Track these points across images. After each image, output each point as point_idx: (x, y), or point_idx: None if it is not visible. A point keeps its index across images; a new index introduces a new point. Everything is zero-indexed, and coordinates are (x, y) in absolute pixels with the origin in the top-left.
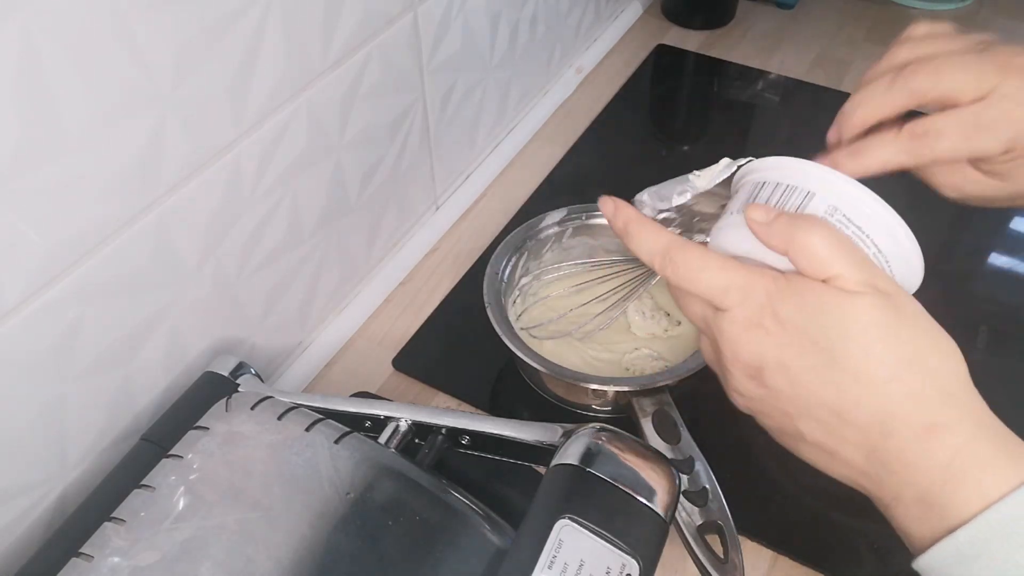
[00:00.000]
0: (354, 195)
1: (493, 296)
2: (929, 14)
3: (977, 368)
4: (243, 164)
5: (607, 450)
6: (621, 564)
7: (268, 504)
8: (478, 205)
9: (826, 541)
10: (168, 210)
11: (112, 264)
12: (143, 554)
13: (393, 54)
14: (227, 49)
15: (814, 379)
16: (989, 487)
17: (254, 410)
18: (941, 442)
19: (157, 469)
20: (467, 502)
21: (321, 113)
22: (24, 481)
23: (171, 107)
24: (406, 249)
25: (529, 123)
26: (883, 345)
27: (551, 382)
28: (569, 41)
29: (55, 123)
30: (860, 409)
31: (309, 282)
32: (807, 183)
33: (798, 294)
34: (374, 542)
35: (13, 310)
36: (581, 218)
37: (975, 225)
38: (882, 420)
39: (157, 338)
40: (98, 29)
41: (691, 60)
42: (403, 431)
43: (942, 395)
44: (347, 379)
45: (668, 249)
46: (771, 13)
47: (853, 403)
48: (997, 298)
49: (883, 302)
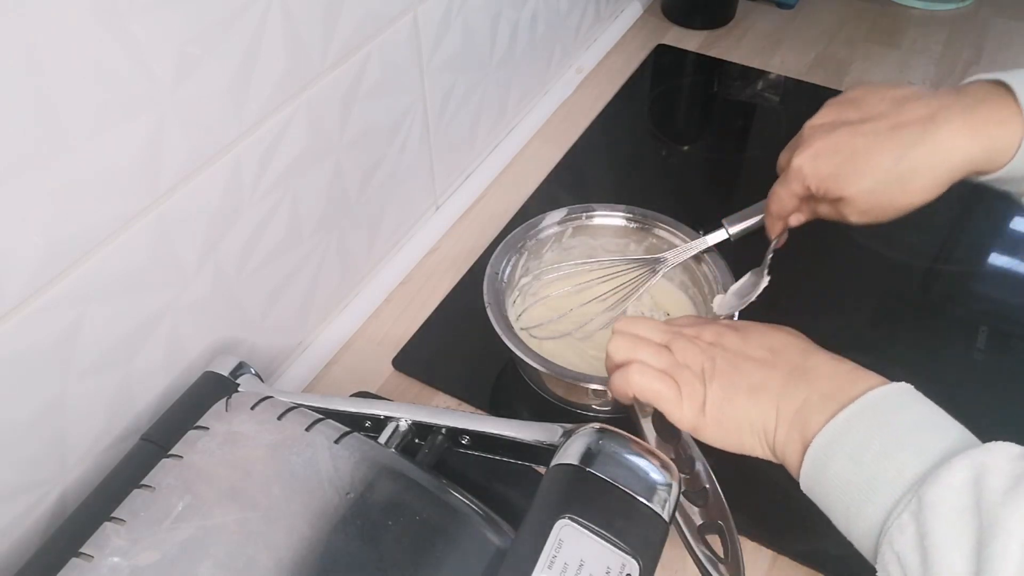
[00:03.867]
0: (354, 195)
1: (493, 296)
2: (929, 14)
3: (977, 368)
4: (243, 164)
5: (607, 450)
6: (621, 564)
7: (268, 504)
8: (478, 205)
9: (826, 541)
10: (168, 210)
11: (112, 264)
12: (143, 554)
13: (393, 54)
14: (227, 49)
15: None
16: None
17: (254, 410)
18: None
19: (157, 469)
20: (467, 502)
21: (321, 113)
22: (24, 481)
23: (171, 107)
24: (406, 249)
25: (529, 123)
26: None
27: (551, 382)
28: (569, 41)
29: (55, 123)
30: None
31: (309, 282)
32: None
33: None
34: (374, 542)
35: (13, 310)
36: (581, 218)
37: (975, 225)
38: (804, 351)
39: (157, 338)
40: (98, 29)
41: (691, 60)
42: (403, 431)
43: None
44: (347, 379)
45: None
46: (771, 13)
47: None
48: (997, 298)
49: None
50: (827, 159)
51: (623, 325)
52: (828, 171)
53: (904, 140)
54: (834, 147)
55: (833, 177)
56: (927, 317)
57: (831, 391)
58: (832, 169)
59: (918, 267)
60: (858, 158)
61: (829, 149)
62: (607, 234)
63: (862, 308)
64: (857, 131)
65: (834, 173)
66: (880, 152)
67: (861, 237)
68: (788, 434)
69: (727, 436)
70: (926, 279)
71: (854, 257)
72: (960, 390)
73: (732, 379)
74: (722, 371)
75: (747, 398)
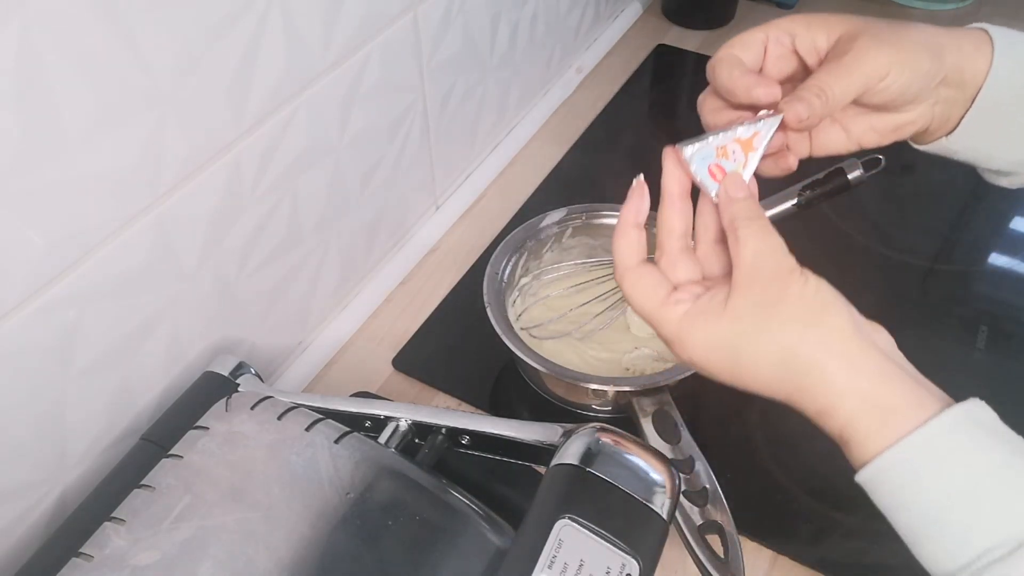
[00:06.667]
0: (354, 195)
1: (493, 296)
2: (929, 14)
3: (977, 368)
4: (243, 164)
5: (607, 450)
6: (621, 564)
7: (268, 504)
8: (478, 205)
9: (826, 541)
10: (168, 210)
11: (112, 264)
12: (143, 554)
13: (393, 54)
14: (227, 49)
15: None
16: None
17: (254, 410)
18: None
19: (157, 469)
20: (467, 502)
21: (321, 113)
22: (24, 481)
23: (171, 107)
24: (406, 249)
25: (529, 123)
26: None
27: (551, 382)
28: (569, 41)
29: (55, 123)
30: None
31: (309, 282)
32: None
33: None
34: (374, 542)
35: (13, 310)
36: (581, 218)
37: (975, 225)
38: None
39: (157, 338)
40: (98, 29)
41: (691, 60)
42: (403, 431)
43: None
44: (347, 379)
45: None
46: (771, 13)
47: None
48: (997, 298)
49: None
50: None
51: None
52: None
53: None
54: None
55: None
56: (927, 317)
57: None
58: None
59: (918, 267)
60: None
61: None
62: (607, 234)
63: (862, 308)
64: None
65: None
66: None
67: (861, 237)
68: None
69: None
70: (926, 279)
71: (854, 257)
72: (960, 390)
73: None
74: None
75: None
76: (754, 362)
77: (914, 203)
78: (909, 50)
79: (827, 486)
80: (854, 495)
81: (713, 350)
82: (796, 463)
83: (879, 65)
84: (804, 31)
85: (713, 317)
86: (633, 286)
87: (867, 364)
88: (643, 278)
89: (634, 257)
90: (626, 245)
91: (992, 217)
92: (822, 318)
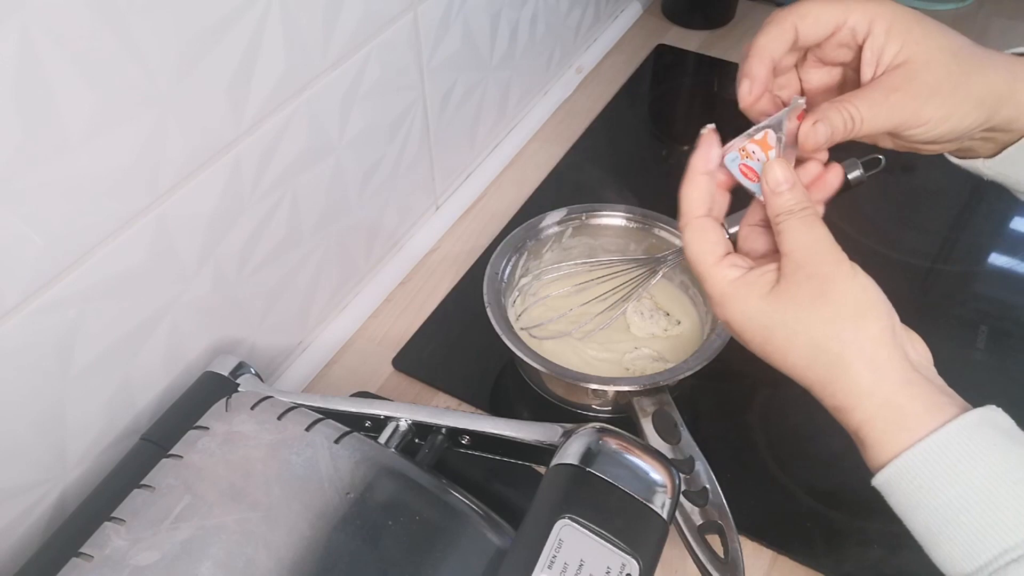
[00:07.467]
0: (354, 195)
1: (493, 296)
2: (929, 14)
3: (977, 368)
4: (243, 164)
5: (607, 450)
6: (621, 564)
7: (268, 504)
8: (478, 205)
9: (826, 541)
10: (168, 210)
11: (112, 264)
12: (143, 554)
13: (393, 54)
14: (227, 49)
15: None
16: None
17: (254, 410)
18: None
19: (157, 469)
20: (467, 502)
21: (321, 113)
22: (24, 481)
23: (171, 107)
24: (406, 249)
25: (529, 123)
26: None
27: (551, 382)
28: (569, 41)
29: (55, 123)
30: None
31: (309, 282)
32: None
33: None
34: (374, 542)
35: (13, 310)
36: (581, 218)
37: (975, 225)
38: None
39: (157, 338)
40: (98, 29)
41: (691, 60)
42: (403, 431)
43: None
44: (347, 379)
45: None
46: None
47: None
48: (997, 298)
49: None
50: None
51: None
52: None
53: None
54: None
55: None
56: (927, 317)
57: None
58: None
59: (918, 267)
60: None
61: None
62: (607, 234)
63: None
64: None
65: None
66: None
67: (861, 237)
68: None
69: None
70: (926, 279)
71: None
72: (960, 390)
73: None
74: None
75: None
76: (785, 346)
77: (914, 203)
78: (962, 103)
79: (827, 486)
80: (854, 495)
81: (751, 320)
82: (796, 463)
83: (923, 116)
84: (882, 33)
85: (757, 294)
86: (693, 236)
87: (893, 371)
88: (706, 232)
89: (700, 207)
90: (694, 192)
91: (992, 217)
92: (860, 320)
